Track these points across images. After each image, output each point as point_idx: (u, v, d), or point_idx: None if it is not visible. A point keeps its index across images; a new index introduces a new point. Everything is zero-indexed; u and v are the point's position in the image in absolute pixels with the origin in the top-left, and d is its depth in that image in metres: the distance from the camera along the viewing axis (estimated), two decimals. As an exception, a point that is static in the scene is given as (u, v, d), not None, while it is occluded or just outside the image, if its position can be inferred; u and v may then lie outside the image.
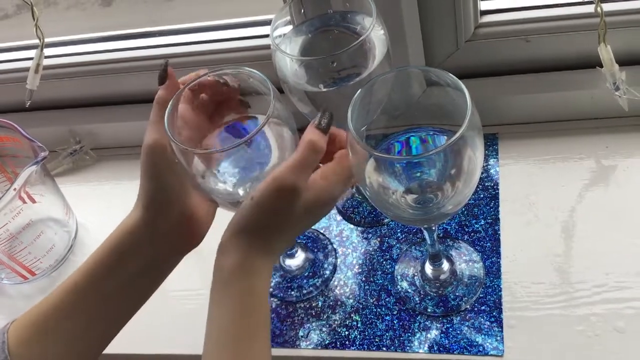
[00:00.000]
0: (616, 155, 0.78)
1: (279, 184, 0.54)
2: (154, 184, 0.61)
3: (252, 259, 0.55)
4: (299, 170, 0.55)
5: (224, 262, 0.56)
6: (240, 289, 0.55)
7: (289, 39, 0.68)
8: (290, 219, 0.56)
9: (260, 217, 0.55)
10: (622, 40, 0.74)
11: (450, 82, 0.55)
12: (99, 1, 1.06)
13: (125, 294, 0.63)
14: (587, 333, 0.66)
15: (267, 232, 0.56)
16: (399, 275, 0.74)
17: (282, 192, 0.54)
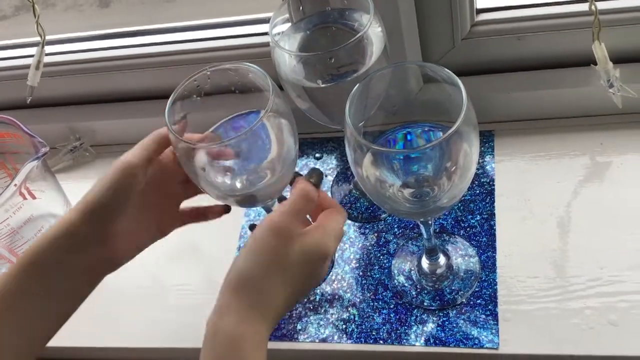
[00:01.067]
0: (610, 152, 0.79)
1: (272, 225, 0.56)
2: (111, 193, 0.60)
3: (250, 325, 0.54)
4: (291, 214, 0.57)
5: (220, 324, 0.54)
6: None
7: (288, 36, 0.69)
8: (287, 263, 0.55)
9: (257, 259, 0.55)
10: (616, 38, 0.75)
11: (446, 77, 0.56)
12: (97, 3, 1.07)
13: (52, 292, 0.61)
14: (582, 326, 0.67)
15: (265, 282, 0.55)
16: (395, 269, 0.75)
17: (276, 232, 0.56)
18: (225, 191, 0.65)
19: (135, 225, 0.62)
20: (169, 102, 0.62)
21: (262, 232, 0.56)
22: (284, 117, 0.63)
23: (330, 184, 0.85)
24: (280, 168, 0.65)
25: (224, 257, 0.81)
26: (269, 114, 0.60)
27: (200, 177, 0.63)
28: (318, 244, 0.57)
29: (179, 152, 0.62)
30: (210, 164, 0.64)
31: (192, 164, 0.63)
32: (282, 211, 0.57)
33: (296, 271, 0.56)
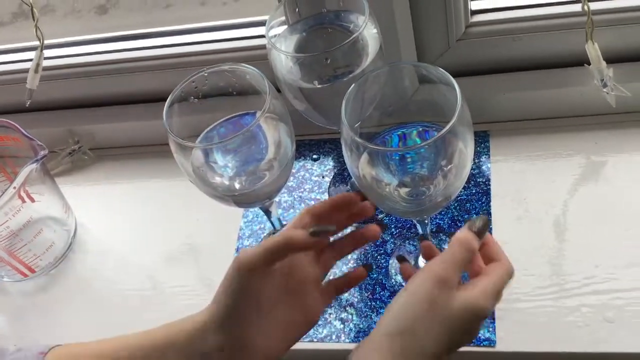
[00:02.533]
0: (605, 151, 0.80)
1: (434, 275, 0.52)
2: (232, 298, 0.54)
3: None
4: (453, 265, 0.53)
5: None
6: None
7: (284, 37, 0.70)
8: (447, 317, 0.51)
9: (417, 308, 0.51)
10: (609, 38, 0.76)
11: (441, 77, 0.56)
12: (95, 9, 1.07)
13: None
14: (578, 323, 0.67)
15: (422, 333, 0.51)
16: (393, 269, 0.76)
17: (438, 283, 0.52)
18: (223, 191, 0.65)
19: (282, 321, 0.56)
20: (166, 104, 0.63)
21: (422, 280, 0.52)
22: (281, 118, 0.64)
23: (327, 185, 0.85)
24: (277, 168, 0.65)
25: (223, 259, 0.81)
26: (266, 114, 0.60)
27: (197, 178, 0.64)
28: (479, 303, 0.52)
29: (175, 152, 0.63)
30: (208, 164, 0.64)
31: (190, 164, 0.63)
32: (443, 260, 0.53)
33: (454, 326, 0.52)
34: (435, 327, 0.51)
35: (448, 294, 0.52)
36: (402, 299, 0.53)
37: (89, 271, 0.86)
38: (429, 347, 0.51)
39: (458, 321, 0.52)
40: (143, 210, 0.91)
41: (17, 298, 0.85)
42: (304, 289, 0.58)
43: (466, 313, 0.52)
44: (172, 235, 0.86)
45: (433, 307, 0.51)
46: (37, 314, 0.83)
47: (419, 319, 0.51)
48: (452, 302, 0.52)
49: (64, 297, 0.84)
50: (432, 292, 0.52)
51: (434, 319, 0.51)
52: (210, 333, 0.54)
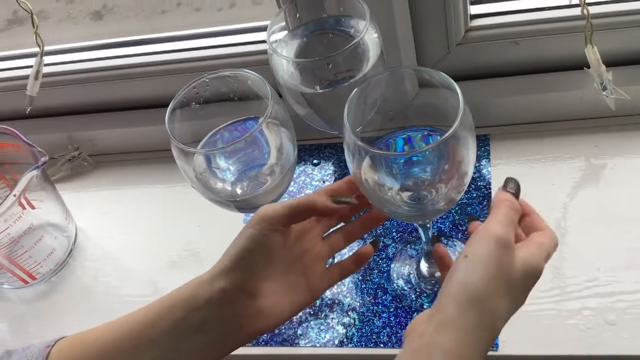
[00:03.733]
0: (605, 154, 0.80)
1: (494, 236, 0.51)
2: (252, 242, 0.55)
3: (473, 346, 0.48)
4: (506, 224, 0.52)
5: (439, 340, 0.48)
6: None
7: (285, 42, 0.70)
8: (511, 279, 0.50)
9: (483, 273, 0.50)
10: (608, 42, 0.76)
11: (443, 81, 0.56)
12: (90, 15, 1.07)
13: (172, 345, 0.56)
14: (580, 326, 0.67)
15: (492, 300, 0.49)
16: (394, 273, 0.76)
17: (499, 244, 0.51)
18: (225, 197, 0.65)
19: (284, 284, 0.57)
20: (168, 110, 0.63)
21: (484, 244, 0.51)
22: (283, 123, 0.64)
23: (328, 189, 0.85)
24: (279, 173, 0.65)
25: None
26: (267, 120, 0.60)
27: (200, 183, 0.64)
28: (536, 261, 0.52)
29: (177, 158, 0.63)
30: (210, 169, 0.64)
31: (192, 169, 0.63)
32: (499, 221, 0.52)
33: (519, 288, 0.51)
34: (501, 290, 0.50)
35: (510, 256, 0.51)
36: (465, 264, 0.51)
37: (90, 278, 0.86)
38: (499, 311, 0.50)
39: (520, 282, 0.51)
40: (143, 216, 0.90)
41: (18, 305, 0.85)
42: (311, 263, 0.60)
43: (526, 273, 0.51)
44: (173, 241, 0.86)
45: (499, 271, 0.50)
46: (38, 321, 0.83)
47: (487, 284, 0.49)
48: (514, 263, 0.51)
49: (64, 304, 0.84)
50: (497, 255, 0.50)
51: (500, 282, 0.50)
52: (216, 280, 0.55)
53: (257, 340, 0.74)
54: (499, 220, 0.52)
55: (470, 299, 0.49)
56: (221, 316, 0.54)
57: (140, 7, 1.07)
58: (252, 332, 0.55)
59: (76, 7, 1.10)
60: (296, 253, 0.59)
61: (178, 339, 0.54)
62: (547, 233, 0.56)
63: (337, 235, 0.62)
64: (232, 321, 0.54)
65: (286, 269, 0.58)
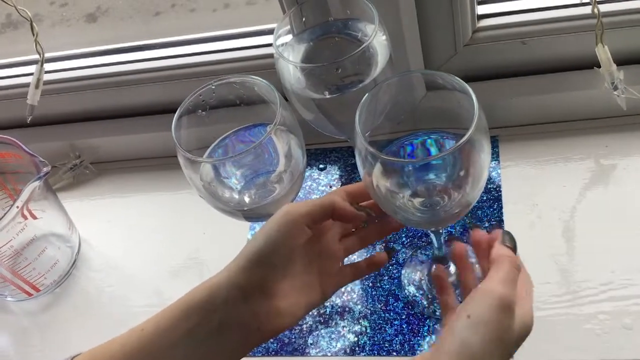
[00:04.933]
0: (616, 155, 0.79)
1: (499, 298, 0.51)
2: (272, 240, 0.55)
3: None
4: (509, 284, 0.52)
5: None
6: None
7: (291, 47, 0.69)
8: (508, 340, 0.51)
9: (485, 337, 0.50)
10: (619, 40, 0.75)
11: (457, 85, 0.55)
12: (84, 18, 1.07)
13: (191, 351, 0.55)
14: (596, 331, 0.66)
15: (490, 358, 0.50)
16: (405, 279, 0.74)
17: (503, 306, 0.51)
18: (233, 206, 0.64)
19: (301, 283, 0.57)
20: (175, 118, 0.62)
21: (487, 304, 0.51)
22: (292, 129, 0.63)
23: (335, 194, 0.84)
24: (288, 181, 0.64)
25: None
26: (276, 127, 0.59)
27: (207, 193, 0.63)
28: (530, 317, 0.53)
29: (184, 167, 0.62)
30: (218, 178, 0.63)
31: (199, 178, 0.62)
32: (502, 280, 0.52)
33: (513, 346, 0.53)
34: (499, 351, 0.51)
35: (511, 318, 0.51)
36: (468, 325, 0.51)
37: (94, 288, 0.85)
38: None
39: (515, 341, 0.52)
40: (148, 225, 0.89)
41: (22, 318, 0.84)
42: (327, 263, 0.60)
43: (523, 331, 0.53)
44: (178, 250, 0.85)
45: (500, 335, 0.51)
46: (43, 334, 0.81)
47: (488, 346, 0.50)
48: (514, 326, 0.52)
49: (69, 316, 0.82)
50: (500, 318, 0.51)
51: (499, 345, 0.50)
52: (233, 278, 0.54)
53: (267, 349, 0.73)
54: (501, 280, 0.52)
55: (463, 355, 0.50)
56: (239, 317, 0.53)
57: (135, 9, 1.07)
58: (270, 332, 0.55)
59: (70, 10, 1.09)
60: (314, 253, 0.59)
61: (195, 345, 0.53)
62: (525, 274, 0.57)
63: (353, 238, 0.62)
64: (250, 321, 0.53)
65: (304, 268, 0.57)
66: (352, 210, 0.58)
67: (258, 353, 0.73)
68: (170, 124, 0.62)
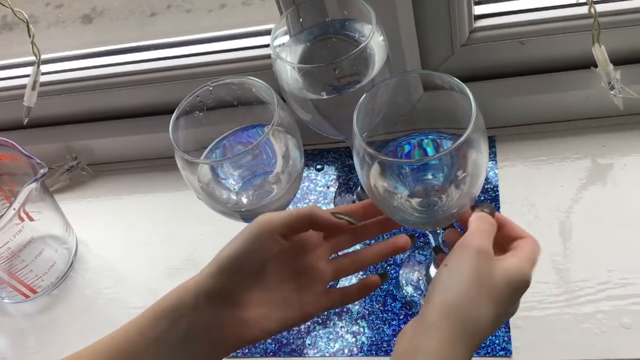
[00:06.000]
0: (613, 154, 0.79)
1: (472, 247, 0.52)
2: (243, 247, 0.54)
3: (457, 347, 0.49)
4: (482, 236, 0.53)
5: (422, 342, 0.49)
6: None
7: (289, 47, 0.69)
8: (491, 285, 0.51)
9: (463, 281, 0.51)
10: (615, 40, 0.75)
11: (454, 85, 0.55)
12: (80, 19, 1.06)
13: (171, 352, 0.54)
14: (594, 330, 0.66)
15: (472, 303, 0.50)
16: (403, 280, 0.74)
17: (477, 253, 0.52)
18: (231, 207, 0.64)
19: (275, 297, 0.55)
20: (172, 119, 0.62)
21: (462, 253, 0.52)
22: (289, 130, 0.62)
23: (332, 195, 0.84)
24: (286, 182, 0.64)
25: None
26: (274, 127, 0.59)
27: (205, 194, 0.63)
28: (519, 269, 0.53)
29: (182, 168, 0.61)
30: (216, 179, 0.63)
31: (196, 179, 0.62)
32: (474, 233, 0.54)
33: (504, 296, 0.52)
34: (483, 297, 0.51)
35: (489, 264, 0.52)
36: (446, 275, 0.52)
37: (91, 290, 0.84)
38: (482, 317, 0.50)
39: (504, 290, 0.52)
40: (145, 226, 0.89)
41: (19, 320, 0.83)
42: (309, 282, 0.57)
43: (508, 280, 0.52)
44: (175, 251, 0.84)
45: (479, 279, 0.51)
46: (40, 335, 0.81)
47: (467, 291, 0.50)
48: (494, 271, 0.52)
49: (66, 317, 0.82)
50: (475, 264, 0.51)
51: (480, 290, 0.51)
52: (202, 284, 0.53)
53: (266, 350, 0.73)
54: (474, 233, 0.54)
55: (451, 305, 0.50)
56: (207, 323, 0.52)
57: (130, 10, 1.07)
58: (236, 342, 0.53)
59: (65, 11, 1.09)
60: (293, 268, 0.57)
61: (163, 353, 0.52)
62: (527, 241, 0.56)
63: (344, 259, 0.60)
64: (216, 330, 0.52)
65: (279, 282, 0.56)
66: (330, 218, 0.56)
67: (256, 354, 0.73)
68: (166, 125, 0.62)
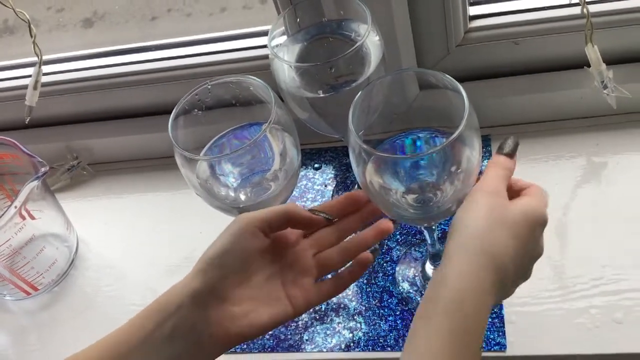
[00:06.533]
0: (606, 152, 0.80)
1: (483, 189, 0.54)
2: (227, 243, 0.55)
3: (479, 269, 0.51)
4: (496, 179, 0.55)
5: (446, 271, 0.51)
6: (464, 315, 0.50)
7: (286, 47, 0.70)
8: (507, 218, 0.52)
9: (476, 215, 0.53)
10: (608, 40, 0.76)
11: (448, 83, 0.56)
12: (81, 23, 1.07)
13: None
14: (587, 325, 0.67)
15: (491, 234, 0.52)
16: (400, 276, 0.75)
17: (489, 194, 0.54)
18: (229, 204, 0.65)
19: (262, 293, 0.56)
20: (171, 117, 0.63)
21: (474, 194, 0.54)
22: (286, 128, 0.63)
23: (330, 193, 0.85)
24: (283, 179, 0.65)
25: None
26: (271, 125, 0.60)
27: (204, 190, 0.64)
28: (533, 205, 0.54)
29: (181, 165, 0.62)
30: (214, 176, 0.64)
31: (195, 176, 0.63)
32: (486, 178, 0.55)
33: (518, 227, 0.53)
34: (501, 230, 0.52)
35: (504, 202, 0.53)
36: (460, 214, 0.54)
37: (92, 287, 0.85)
38: (501, 246, 0.51)
39: (519, 224, 0.53)
40: (145, 224, 0.90)
41: (21, 317, 0.84)
42: (296, 277, 0.58)
43: (525, 215, 0.53)
44: (175, 249, 0.85)
45: (491, 210, 0.52)
46: (41, 332, 0.82)
47: (484, 225, 0.52)
48: (508, 208, 0.53)
49: (67, 315, 0.83)
50: (487, 200, 0.53)
51: (497, 224, 0.52)
52: (188, 283, 0.54)
53: (264, 346, 0.74)
54: (488, 178, 0.56)
55: (470, 237, 0.52)
56: (192, 321, 0.53)
57: (131, 14, 1.07)
58: (225, 339, 0.54)
59: (66, 15, 1.10)
60: (278, 265, 0.58)
61: (149, 353, 0.53)
62: (534, 186, 0.58)
63: (330, 251, 0.61)
64: (201, 326, 0.53)
65: (265, 279, 0.57)
66: (307, 215, 0.58)
67: (255, 349, 0.74)
68: (166, 125, 0.63)
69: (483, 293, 0.50)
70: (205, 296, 0.53)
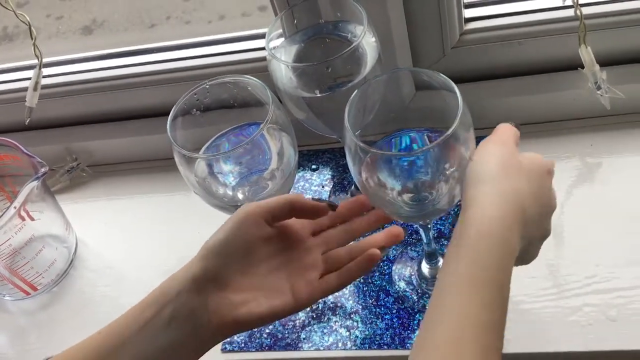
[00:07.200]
0: (601, 153, 0.81)
1: (491, 142, 0.57)
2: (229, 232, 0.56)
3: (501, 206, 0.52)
4: (503, 134, 0.58)
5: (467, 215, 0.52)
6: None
7: (284, 48, 0.71)
8: (516, 160, 0.55)
9: (487, 161, 0.55)
10: (601, 42, 0.77)
11: (442, 82, 0.57)
12: (80, 30, 1.08)
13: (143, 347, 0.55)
14: (581, 323, 0.68)
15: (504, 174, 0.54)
16: (396, 275, 0.76)
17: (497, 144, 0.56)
18: (227, 202, 0.66)
19: (264, 283, 0.56)
20: (170, 117, 0.63)
21: (484, 145, 0.57)
22: (284, 127, 0.64)
23: (327, 194, 0.86)
24: (280, 178, 0.66)
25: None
26: (268, 125, 0.61)
27: (202, 189, 0.64)
28: (539, 157, 0.58)
29: (180, 164, 0.63)
30: (212, 175, 0.65)
31: (193, 175, 0.64)
32: (495, 133, 0.58)
33: (532, 173, 0.55)
34: (509, 168, 0.54)
35: (512, 150, 0.56)
36: (473, 165, 0.55)
37: (91, 288, 0.86)
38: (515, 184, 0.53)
39: (529, 167, 0.56)
40: (144, 225, 0.91)
41: (20, 317, 0.85)
42: (300, 271, 0.58)
43: (532, 162, 0.56)
44: (173, 250, 0.86)
45: (504, 159, 0.55)
46: (40, 332, 0.83)
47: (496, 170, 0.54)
48: (516, 153, 0.56)
49: (66, 315, 0.84)
50: (499, 151, 0.56)
51: (508, 168, 0.54)
52: (188, 269, 0.55)
53: (261, 345, 0.74)
54: (496, 133, 0.58)
55: (480, 179, 0.54)
56: (190, 307, 0.53)
57: (130, 21, 1.07)
58: (223, 325, 0.54)
59: (65, 23, 1.10)
60: (283, 258, 0.58)
61: (147, 341, 0.54)
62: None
63: (340, 250, 0.61)
64: (200, 311, 0.53)
65: (269, 269, 0.57)
66: (311, 203, 0.58)
67: (252, 348, 0.74)
68: (164, 127, 0.64)
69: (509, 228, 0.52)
70: (205, 282, 0.54)
